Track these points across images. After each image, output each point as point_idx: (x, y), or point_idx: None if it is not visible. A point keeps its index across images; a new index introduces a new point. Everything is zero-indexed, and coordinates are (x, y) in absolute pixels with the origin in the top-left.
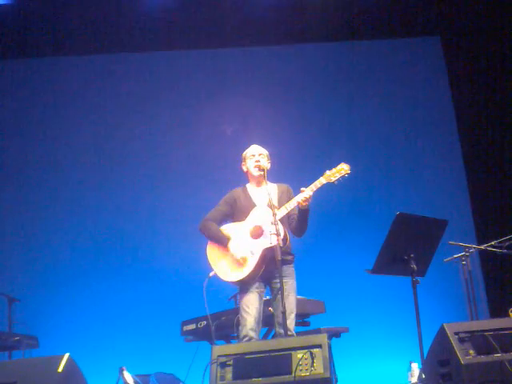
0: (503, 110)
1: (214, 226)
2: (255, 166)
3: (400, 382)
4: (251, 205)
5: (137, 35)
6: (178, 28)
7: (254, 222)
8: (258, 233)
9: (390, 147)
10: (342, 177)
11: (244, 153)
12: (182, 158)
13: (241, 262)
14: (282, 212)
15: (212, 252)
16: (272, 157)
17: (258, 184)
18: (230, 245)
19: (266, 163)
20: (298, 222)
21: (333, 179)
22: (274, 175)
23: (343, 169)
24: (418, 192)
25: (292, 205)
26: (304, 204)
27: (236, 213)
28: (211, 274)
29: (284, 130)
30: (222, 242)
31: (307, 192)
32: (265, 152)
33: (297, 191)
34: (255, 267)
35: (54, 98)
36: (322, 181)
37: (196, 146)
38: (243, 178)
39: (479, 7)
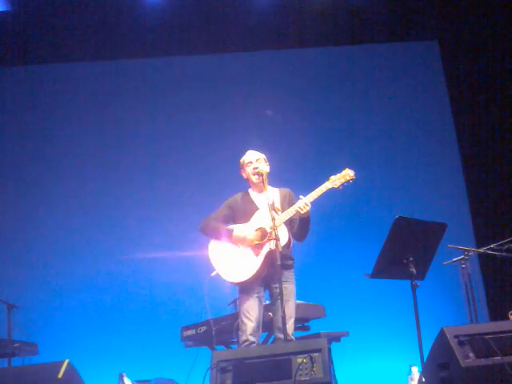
0: (501, 114)
1: (214, 221)
2: (254, 173)
3: None
4: (254, 208)
5: (137, 42)
6: (178, 34)
7: (258, 224)
8: (261, 235)
9: (388, 151)
10: (347, 182)
11: (241, 160)
12: (184, 162)
13: (249, 251)
14: (283, 217)
15: (214, 252)
16: (273, 161)
17: (260, 189)
18: (235, 233)
19: (264, 167)
20: (298, 229)
21: (337, 184)
22: (275, 179)
23: (348, 174)
24: (417, 195)
25: (293, 210)
26: (302, 212)
27: (238, 216)
28: (213, 274)
29: (284, 134)
30: (225, 234)
31: (306, 199)
32: (261, 156)
33: (298, 194)
34: (259, 269)
35: (54, 104)
36: (327, 185)
37: (196, 149)
38: (244, 182)
39: (477, 12)
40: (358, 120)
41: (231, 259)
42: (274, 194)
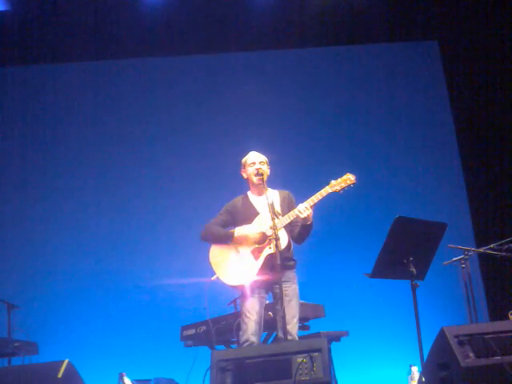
0: (501, 114)
1: (215, 226)
2: (255, 174)
3: None
4: (254, 212)
5: (137, 42)
6: (178, 34)
7: (259, 229)
8: (262, 239)
9: (388, 151)
10: (348, 186)
11: (243, 160)
12: (184, 163)
13: (246, 261)
14: (284, 221)
15: (215, 255)
16: (272, 163)
17: (259, 191)
18: (237, 233)
19: (266, 169)
20: (300, 234)
21: (338, 188)
22: (275, 181)
23: (349, 179)
24: (417, 195)
25: (294, 214)
26: (302, 216)
27: (238, 221)
28: (213, 278)
29: (283, 136)
30: (227, 236)
31: (306, 203)
32: (264, 159)
33: (298, 198)
34: (258, 272)
35: (54, 104)
36: (327, 190)
37: (196, 150)
38: (244, 183)
39: (477, 12)
40: (357, 120)
41: (231, 263)
42: (273, 196)
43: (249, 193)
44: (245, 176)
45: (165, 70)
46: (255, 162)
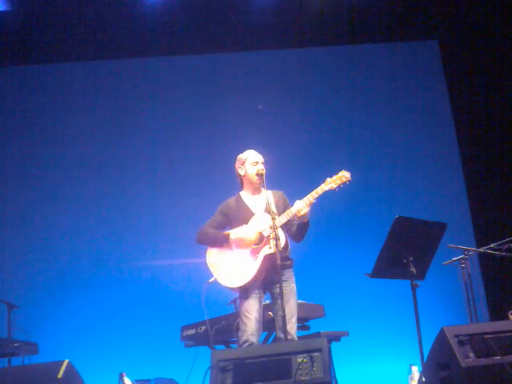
0: (501, 113)
1: (210, 229)
2: (257, 174)
3: None
4: (249, 213)
5: (137, 41)
6: (178, 34)
7: (255, 229)
8: (259, 239)
9: (388, 150)
10: (343, 183)
11: (243, 157)
12: (184, 163)
13: (243, 265)
14: (281, 220)
15: (211, 258)
16: (271, 161)
17: (254, 190)
18: (233, 235)
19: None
20: (297, 232)
21: (334, 186)
22: (273, 180)
23: (344, 176)
24: (417, 195)
25: (290, 213)
26: (299, 215)
27: (233, 222)
28: (211, 280)
29: (283, 135)
30: (223, 238)
31: (303, 201)
32: (263, 159)
33: (295, 197)
34: (257, 273)
35: (54, 104)
36: (323, 187)
37: (196, 150)
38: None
39: (477, 12)
40: (357, 120)
41: (229, 264)
42: (268, 196)
43: (241, 193)
44: (242, 173)
45: (165, 69)
46: (258, 161)
